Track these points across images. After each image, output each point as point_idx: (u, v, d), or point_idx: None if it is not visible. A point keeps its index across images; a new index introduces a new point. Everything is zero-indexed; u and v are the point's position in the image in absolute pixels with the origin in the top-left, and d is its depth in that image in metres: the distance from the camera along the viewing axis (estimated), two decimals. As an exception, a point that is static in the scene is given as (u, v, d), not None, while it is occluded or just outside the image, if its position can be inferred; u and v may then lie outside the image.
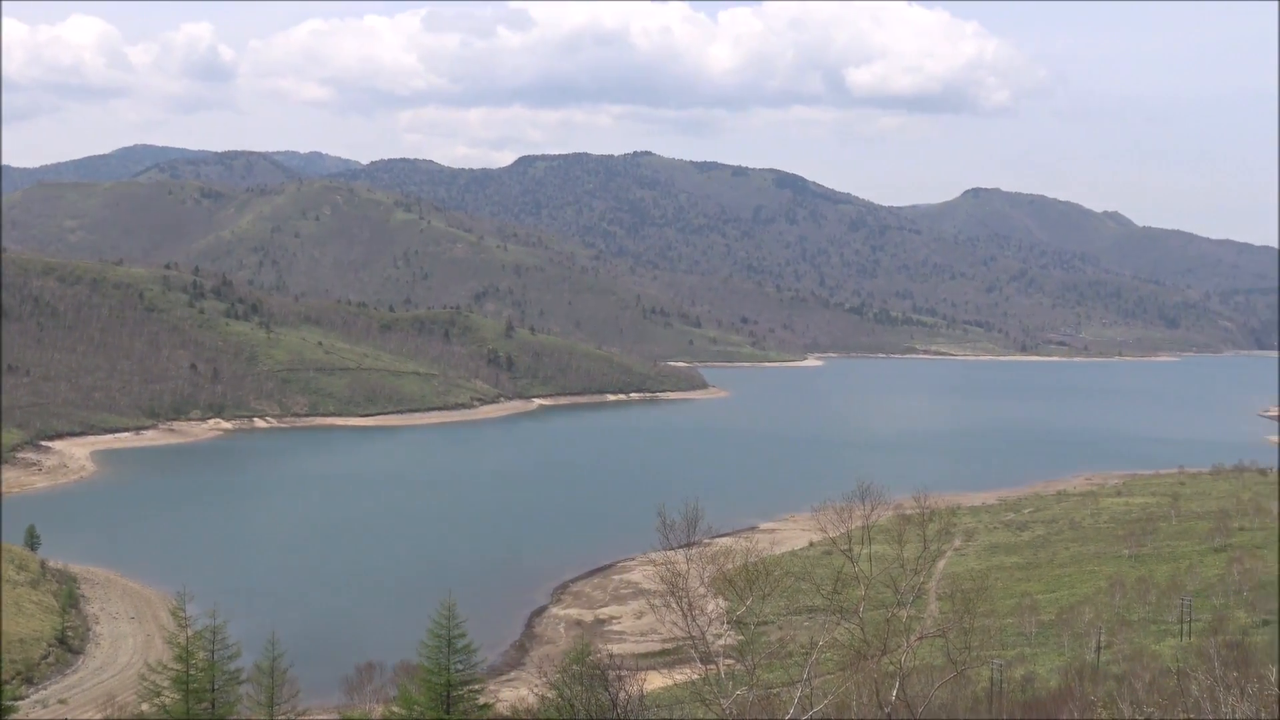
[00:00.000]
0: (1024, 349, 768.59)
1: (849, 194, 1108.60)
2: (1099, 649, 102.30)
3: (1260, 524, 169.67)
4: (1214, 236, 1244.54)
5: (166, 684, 56.67)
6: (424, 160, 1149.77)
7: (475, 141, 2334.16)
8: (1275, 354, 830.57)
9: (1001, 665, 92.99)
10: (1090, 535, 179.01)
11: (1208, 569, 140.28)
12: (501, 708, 79.39)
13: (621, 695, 40.23)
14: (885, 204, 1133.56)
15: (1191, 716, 39.88)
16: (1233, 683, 41.03)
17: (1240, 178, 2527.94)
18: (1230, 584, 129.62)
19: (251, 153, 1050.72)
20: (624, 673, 46.01)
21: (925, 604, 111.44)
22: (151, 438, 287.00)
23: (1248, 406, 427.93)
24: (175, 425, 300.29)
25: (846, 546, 40.66)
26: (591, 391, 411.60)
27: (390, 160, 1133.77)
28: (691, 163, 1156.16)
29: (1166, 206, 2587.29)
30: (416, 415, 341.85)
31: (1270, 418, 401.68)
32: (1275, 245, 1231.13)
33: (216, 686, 56.38)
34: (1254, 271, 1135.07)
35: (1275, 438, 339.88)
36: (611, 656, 61.28)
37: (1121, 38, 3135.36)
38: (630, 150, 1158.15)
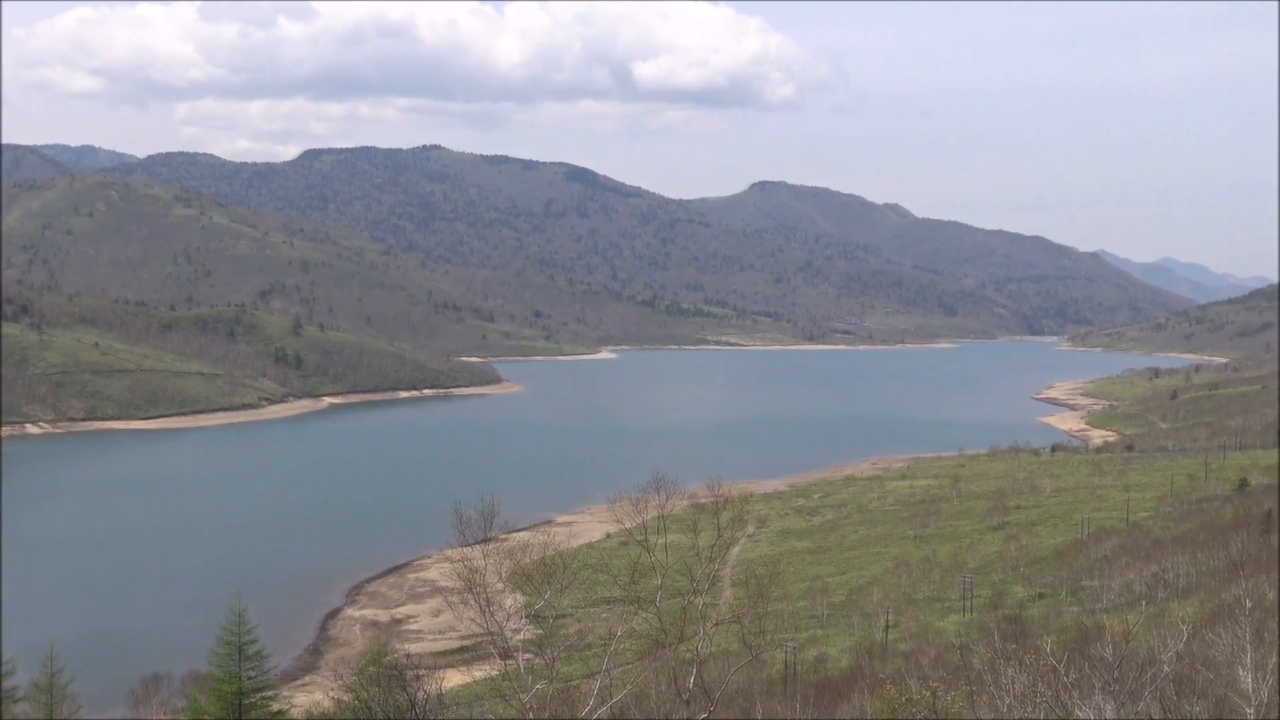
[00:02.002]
0: (811, 338, 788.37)
1: (639, 187, 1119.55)
2: (887, 628, 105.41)
3: (1034, 502, 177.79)
4: (987, 227, 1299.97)
5: (-66, 706, 53.78)
6: (204, 154, 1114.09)
7: (257, 135, 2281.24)
8: (1046, 339, 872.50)
9: (794, 648, 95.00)
10: (877, 518, 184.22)
11: (987, 547, 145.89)
12: (296, 713, 77.64)
13: (420, 694, 39.70)
14: (675, 197, 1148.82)
15: (974, 688, 41.34)
16: (1011, 654, 42.75)
17: (1009, 169, 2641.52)
18: (1007, 560, 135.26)
19: (17, 146, 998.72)
20: (422, 672, 45.46)
21: (720, 591, 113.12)
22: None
23: (1021, 390, 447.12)
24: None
25: (642, 537, 40.99)
26: (384, 389, 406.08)
27: (168, 154, 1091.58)
28: (481, 156, 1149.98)
29: (943, 198, 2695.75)
30: (201, 417, 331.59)
31: (1042, 400, 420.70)
32: (1043, 235, 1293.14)
33: (-10, 706, 53.74)
34: (1024, 260, 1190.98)
35: (1047, 419, 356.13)
36: (409, 656, 60.60)
37: (895, 33, 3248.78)
38: (419, 144, 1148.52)
